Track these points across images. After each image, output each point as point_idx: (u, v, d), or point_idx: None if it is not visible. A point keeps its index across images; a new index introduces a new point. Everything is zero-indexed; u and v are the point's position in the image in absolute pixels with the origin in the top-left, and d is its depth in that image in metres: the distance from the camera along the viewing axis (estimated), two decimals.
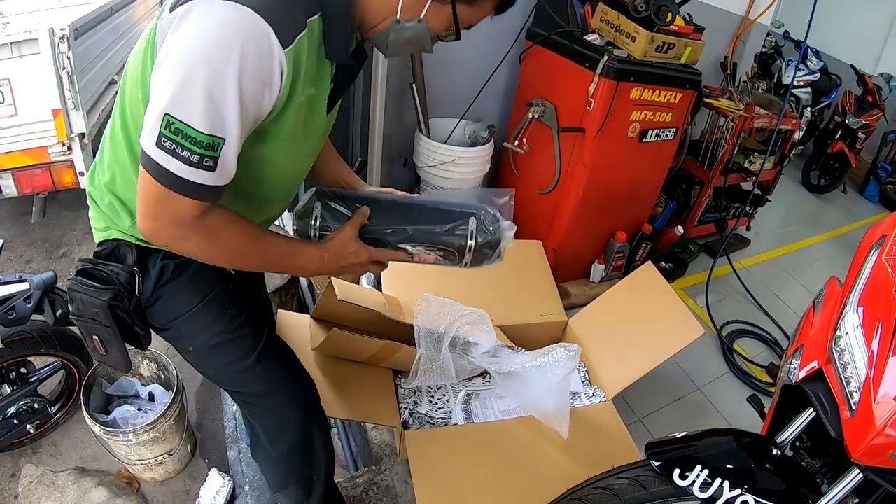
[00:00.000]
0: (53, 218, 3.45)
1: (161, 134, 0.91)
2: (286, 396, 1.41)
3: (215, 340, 1.30)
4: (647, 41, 2.47)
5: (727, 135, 3.38)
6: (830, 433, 1.17)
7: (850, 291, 1.32)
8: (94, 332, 1.22)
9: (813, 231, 4.91)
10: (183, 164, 0.92)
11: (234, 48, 0.89)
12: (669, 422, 2.56)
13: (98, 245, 1.25)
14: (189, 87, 0.89)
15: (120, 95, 1.12)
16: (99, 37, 3.02)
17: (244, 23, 0.89)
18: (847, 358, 1.19)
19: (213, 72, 0.89)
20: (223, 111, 0.91)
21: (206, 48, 0.89)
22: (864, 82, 5.61)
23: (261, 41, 0.91)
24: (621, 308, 2.23)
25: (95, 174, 1.26)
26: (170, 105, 0.90)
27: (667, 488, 1.25)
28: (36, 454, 2.16)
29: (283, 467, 1.55)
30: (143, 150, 0.94)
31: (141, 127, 0.97)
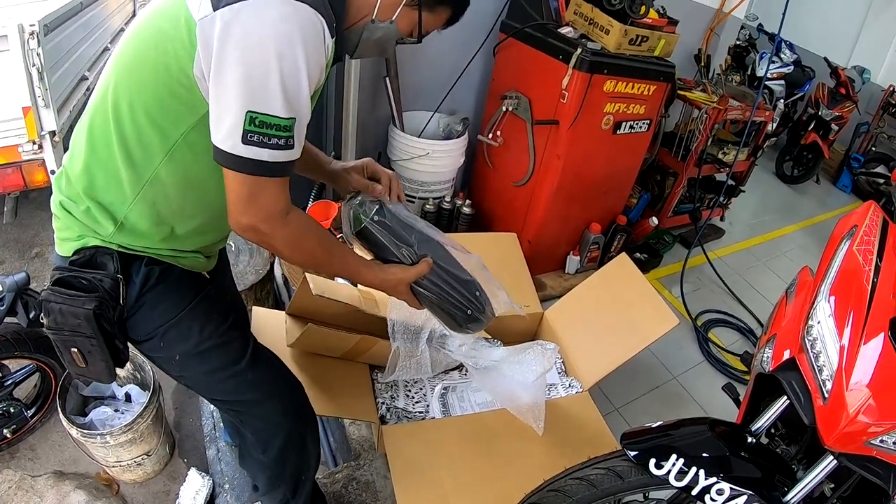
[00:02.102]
0: (26, 218, 3.39)
1: (246, 131, 0.98)
2: (278, 403, 1.41)
3: (205, 345, 1.28)
4: (620, 34, 2.49)
5: (701, 126, 3.42)
6: (804, 421, 1.19)
7: (821, 281, 1.35)
8: (73, 344, 1.18)
9: (787, 221, 4.99)
10: (273, 150, 1.01)
11: (299, 40, 0.98)
12: (646, 411, 2.59)
13: (73, 254, 1.20)
14: (267, 83, 0.97)
15: (111, 90, 1.11)
16: (69, 32, 2.95)
17: (302, 15, 0.98)
18: (819, 347, 1.22)
19: (286, 64, 0.97)
20: (298, 95, 1.01)
21: (274, 44, 0.96)
22: (838, 75, 5.69)
23: (317, 30, 1.01)
24: (596, 299, 2.25)
25: (64, 181, 1.22)
26: (250, 102, 0.97)
27: (643, 477, 1.27)
28: (14, 459, 2.13)
29: (274, 472, 1.55)
30: (226, 150, 1.00)
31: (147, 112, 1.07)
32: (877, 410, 1.08)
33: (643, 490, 1.32)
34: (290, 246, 1.15)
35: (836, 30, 6.68)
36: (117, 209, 1.17)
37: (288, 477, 1.55)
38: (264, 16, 0.96)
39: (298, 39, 0.98)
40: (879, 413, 1.07)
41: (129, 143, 1.11)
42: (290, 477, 1.55)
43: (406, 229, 1.42)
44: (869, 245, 1.36)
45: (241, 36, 0.97)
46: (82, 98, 3.05)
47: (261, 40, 0.96)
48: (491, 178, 3.22)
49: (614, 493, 1.32)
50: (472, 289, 1.48)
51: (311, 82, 1.02)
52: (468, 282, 1.48)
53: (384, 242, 1.40)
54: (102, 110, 1.12)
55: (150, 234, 1.20)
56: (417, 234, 1.43)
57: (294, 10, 0.97)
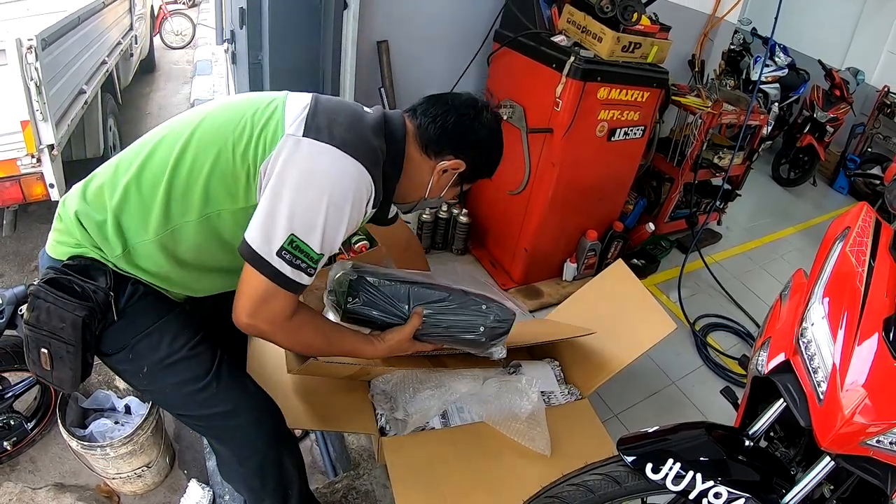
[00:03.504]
0: (24, 231, 3.39)
1: (284, 248, 1.13)
2: (248, 418, 1.40)
3: (173, 358, 1.30)
4: (613, 41, 2.51)
5: (696, 131, 3.44)
6: (800, 423, 1.19)
7: (815, 283, 1.35)
8: (46, 345, 1.18)
9: (784, 224, 4.99)
10: (295, 269, 1.15)
11: (350, 198, 1.17)
12: (645, 417, 2.59)
13: (67, 259, 1.22)
14: (315, 219, 1.14)
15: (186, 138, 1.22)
16: (67, 46, 2.97)
17: (362, 180, 1.19)
18: (814, 349, 1.22)
19: (333, 212, 1.15)
20: (333, 241, 1.18)
21: (332, 190, 1.15)
22: (832, 77, 5.72)
23: (366, 196, 1.22)
24: (593, 306, 2.25)
25: (95, 191, 1.23)
26: (296, 228, 1.13)
27: (640, 482, 1.26)
28: (14, 471, 2.13)
29: (256, 484, 1.55)
30: (257, 251, 1.13)
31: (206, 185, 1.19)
32: (872, 411, 1.07)
33: (641, 495, 1.32)
34: (288, 341, 1.31)
35: (829, 32, 6.72)
36: (132, 237, 1.21)
37: (271, 489, 1.54)
38: (336, 164, 1.16)
39: (350, 197, 1.16)
40: (875, 413, 1.07)
41: (174, 192, 1.20)
42: (274, 489, 1.54)
43: (387, 290, 1.49)
44: (862, 246, 1.37)
45: (311, 168, 1.15)
46: (80, 111, 3.06)
47: (324, 182, 1.14)
48: (487, 188, 3.20)
49: (612, 499, 1.31)
50: (475, 306, 1.56)
51: (346, 232, 1.19)
52: (467, 303, 1.56)
53: (373, 315, 1.49)
54: (167, 149, 1.21)
55: (149, 270, 1.25)
56: (402, 288, 1.51)
57: (358, 174, 1.18)
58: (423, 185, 1.39)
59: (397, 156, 1.32)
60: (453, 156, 1.35)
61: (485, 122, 1.37)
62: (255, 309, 1.17)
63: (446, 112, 1.34)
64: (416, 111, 1.37)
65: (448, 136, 1.34)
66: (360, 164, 1.17)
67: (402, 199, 1.44)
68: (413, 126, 1.35)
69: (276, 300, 1.17)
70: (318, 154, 1.16)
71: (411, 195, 1.43)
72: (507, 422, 1.85)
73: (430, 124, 1.34)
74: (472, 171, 1.40)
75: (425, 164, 1.36)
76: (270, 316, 1.18)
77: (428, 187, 1.39)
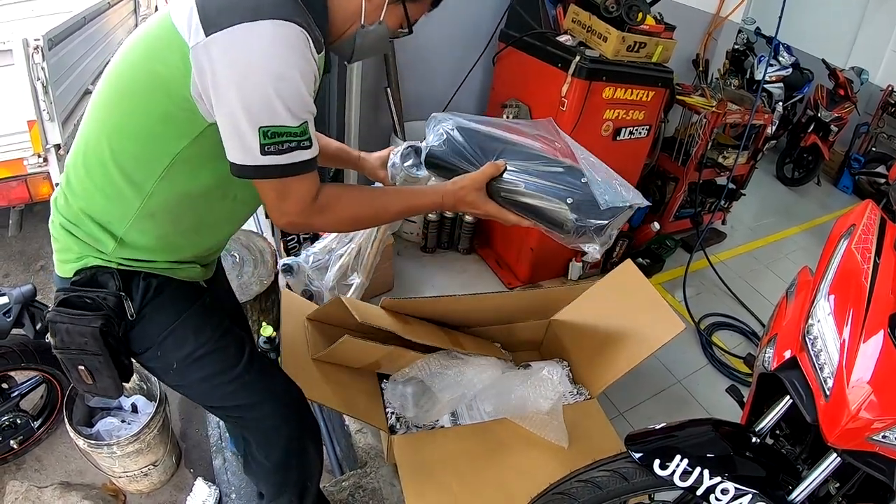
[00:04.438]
0: (30, 231, 3.41)
1: (262, 144, 1.04)
2: (278, 406, 1.41)
3: (201, 351, 1.29)
4: (618, 41, 2.51)
5: (700, 131, 3.43)
6: (807, 419, 1.20)
7: (821, 280, 1.36)
8: (80, 362, 1.20)
9: (788, 223, 4.98)
10: (291, 153, 1.07)
11: (292, 58, 1.04)
12: (651, 415, 2.59)
13: (74, 275, 1.21)
14: (271, 101, 1.02)
15: (104, 112, 1.15)
16: (73, 46, 2.99)
17: (290, 33, 1.03)
18: (820, 345, 1.23)
19: (285, 83, 1.03)
20: (302, 103, 1.06)
21: (270, 64, 1.02)
22: (836, 76, 5.69)
23: (305, 46, 1.05)
24: (602, 306, 2.25)
25: (62, 201, 1.23)
26: (259, 119, 1.03)
27: (648, 479, 1.27)
28: (20, 470, 2.14)
29: (279, 477, 1.55)
30: (247, 164, 1.07)
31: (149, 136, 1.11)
32: (878, 406, 1.08)
33: (648, 491, 1.32)
34: (330, 224, 1.26)
35: (833, 31, 6.68)
36: (116, 227, 1.19)
37: (293, 483, 1.55)
38: (256, 39, 1.01)
39: (291, 56, 1.04)
40: (881, 409, 1.08)
41: (125, 164, 1.14)
42: (295, 483, 1.55)
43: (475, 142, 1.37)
44: (867, 243, 1.37)
45: (235, 59, 1.02)
46: None
47: (257, 63, 1.02)
48: None
49: (620, 495, 1.32)
50: (572, 175, 1.33)
51: (308, 90, 1.07)
52: (564, 169, 1.34)
53: (454, 161, 1.37)
54: (96, 133, 1.15)
55: (149, 247, 1.22)
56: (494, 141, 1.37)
57: (284, 31, 1.02)
58: (356, 10, 1.19)
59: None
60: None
61: None
62: (281, 209, 1.14)
63: None
64: None
65: None
66: (276, 20, 1.01)
67: (336, 36, 1.24)
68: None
69: (293, 189, 1.12)
70: (232, 42, 1.02)
71: (346, 29, 1.23)
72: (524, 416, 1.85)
73: None
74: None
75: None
76: (297, 207, 1.13)
77: (362, 12, 1.19)
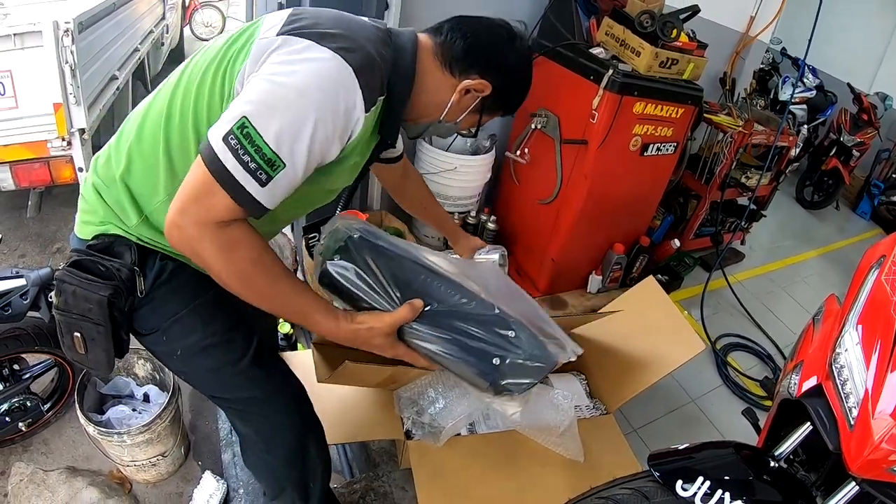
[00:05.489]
0: (48, 213, 3.42)
1: (231, 132, 0.97)
2: (280, 402, 1.39)
3: (208, 342, 1.28)
4: (651, 56, 2.49)
5: (725, 150, 3.40)
6: (829, 446, 1.19)
7: (849, 310, 1.35)
8: (78, 328, 1.18)
9: (806, 247, 4.96)
10: (239, 164, 0.98)
11: (328, 98, 1.02)
12: (664, 433, 2.58)
13: (92, 238, 1.21)
14: (277, 106, 0.98)
15: (173, 91, 1.16)
16: (102, 31, 3.00)
17: (344, 79, 1.02)
18: (846, 374, 1.22)
19: (304, 107, 0.99)
20: (295, 141, 1.00)
21: (308, 86, 1.00)
22: (860, 100, 5.67)
23: (350, 99, 1.04)
24: (623, 321, 2.23)
25: (104, 163, 1.23)
26: (252, 112, 0.98)
27: (668, 499, 1.25)
28: (27, 452, 2.13)
29: (279, 474, 1.53)
30: (208, 138, 1.00)
31: (196, 118, 1.11)
32: None
33: None
34: (221, 261, 1.03)
35: (858, 55, 6.67)
36: (146, 202, 1.18)
37: (294, 482, 1.53)
38: (315, 63, 1.02)
39: (326, 95, 1.01)
40: None
41: (172, 144, 1.14)
42: (297, 483, 1.53)
43: (387, 265, 1.19)
44: None
45: (284, 61, 1.02)
46: (112, 97, 3.07)
47: (295, 75, 1.00)
48: (517, 195, 3.20)
49: None
50: (500, 326, 1.17)
51: (315, 139, 1.02)
52: (490, 318, 1.17)
53: (353, 290, 1.18)
54: (159, 108, 1.16)
55: None
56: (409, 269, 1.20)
57: (339, 71, 1.02)
58: (442, 104, 1.25)
59: (405, 68, 1.19)
60: (479, 76, 1.22)
61: (517, 48, 1.26)
62: (187, 202, 0.99)
63: (477, 30, 1.23)
64: (443, 28, 1.25)
65: (477, 54, 1.22)
66: (344, 61, 1.02)
67: (413, 118, 1.29)
68: (434, 42, 1.24)
69: (211, 198, 0.98)
70: (291, 49, 1.04)
71: (425, 114, 1.28)
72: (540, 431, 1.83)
73: (458, 39, 1.21)
74: (496, 99, 1.27)
75: (446, 81, 1.23)
76: (201, 215, 0.99)
77: (446, 107, 1.25)
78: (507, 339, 1.17)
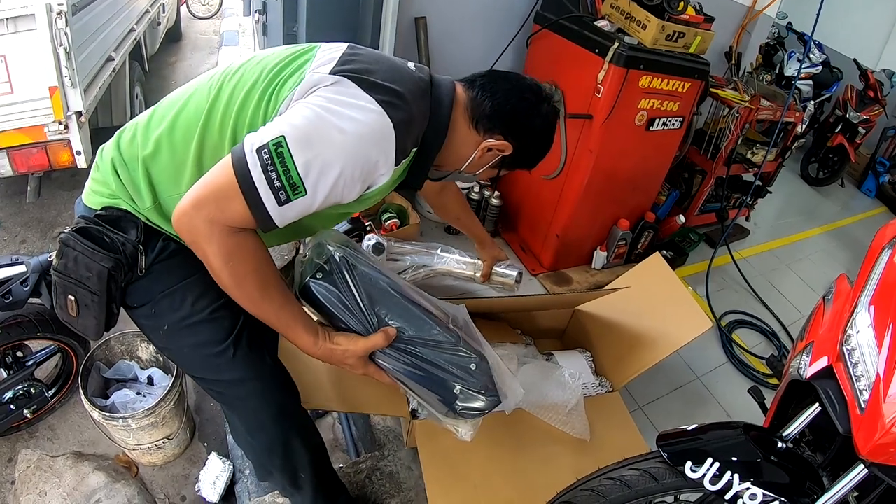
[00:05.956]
0: (48, 198, 3.39)
1: (266, 146, 1.01)
2: (258, 388, 1.37)
3: (194, 318, 1.28)
4: (657, 29, 2.44)
5: (732, 125, 3.36)
6: (838, 429, 1.17)
7: (861, 291, 1.33)
8: (73, 293, 1.19)
9: (810, 224, 4.93)
10: (264, 179, 1.01)
11: (364, 147, 1.07)
12: (670, 410, 2.57)
13: (101, 209, 1.22)
14: (316, 138, 1.03)
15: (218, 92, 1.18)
16: (96, 12, 2.95)
17: (383, 133, 1.08)
18: (857, 356, 1.20)
19: (340, 149, 1.04)
20: (322, 175, 1.04)
21: (348, 130, 1.04)
22: (867, 77, 5.62)
23: (383, 152, 1.09)
24: (629, 298, 2.21)
25: (129, 140, 1.22)
26: (291, 134, 1.02)
27: (677, 480, 1.26)
28: (33, 438, 2.13)
29: (263, 459, 1.54)
30: (243, 145, 1.03)
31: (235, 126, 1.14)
32: None
33: (676, 492, 1.31)
34: (220, 259, 1.07)
35: (865, 32, 6.58)
36: (163, 190, 1.20)
37: (279, 469, 1.52)
38: (359, 107, 1.07)
39: (365, 146, 1.06)
40: None
41: (206, 146, 1.17)
42: (282, 468, 1.52)
43: (367, 288, 1.27)
44: None
45: (332, 100, 1.07)
46: (108, 78, 3.03)
47: (340, 118, 1.04)
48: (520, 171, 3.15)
49: (648, 495, 1.31)
50: (463, 358, 1.29)
51: (337, 183, 1.06)
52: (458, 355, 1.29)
53: (331, 310, 1.27)
54: (199, 104, 1.18)
55: None
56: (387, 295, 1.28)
57: (382, 128, 1.08)
58: (464, 158, 1.32)
59: (441, 123, 1.25)
60: (502, 136, 1.28)
61: (543, 112, 1.31)
62: (204, 198, 1.02)
63: (508, 91, 1.27)
64: (476, 82, 1.29)
65: (503, 116, 1.27)
66: (387, 116, 1.08)
67: (437, 165, 1.35)
68: (467, 96, 1.29)
69: (229, 201, 1.02)
70: (342, 92, 1.09)
71: (448, 164, 1.36)
72: (546, 410, 1.82)
73: (487, 99, 1.26)
74: (516, 158, 1.35)
75: (471, 137, 1.29)
76: (215, 214, 1.02)
77: (467, 162, 1.33)
78: (468, 370, 1.28)
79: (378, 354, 1.28)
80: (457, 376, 1.27)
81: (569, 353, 2.15)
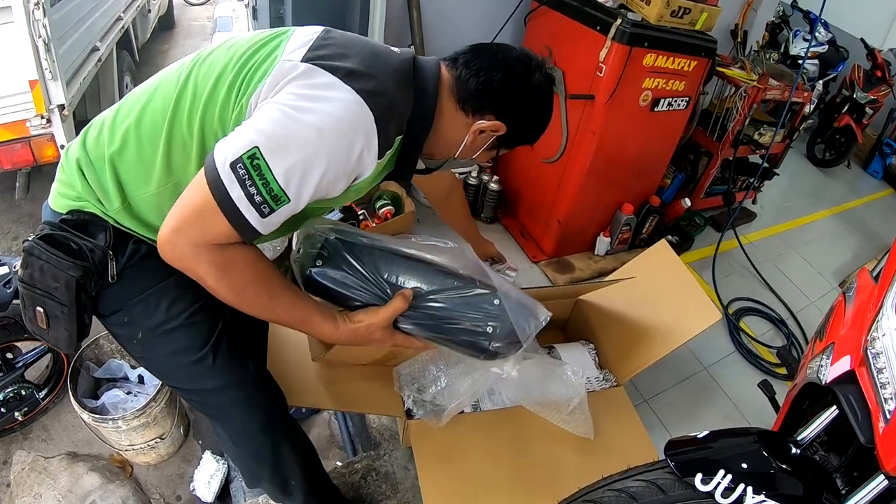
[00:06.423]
0: (38, 193, 3.31)
1: (241, 160, 0.94)
2: (241, 397, 1.32)
3: (170, 324, 1.22)
4: (662, 5, 2.36)
5: (739, 105, 3.27)
6: (860, 440, 1.12)
7: (887, 290, 1.27)
8: (41, 304, 1.13)
9: (817, 206, 4.85)
10: (244, 195, 0.96)
11: (344, 142, 1.00)
12: (676, 404, 2.51)
13: (67, 213, 1.15)
14: (292, 143, 0.96)
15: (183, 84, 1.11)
16: (77, 2, 2.89)
17: (363, 124, 1.01)
18: (883, 361, 1.15)
19: (319, 149, 0.98)
20: (304, 179, 0.98)
21: (326, 128, 0.98)
22: (874, 57, 5.52)
23: (365, 143, 1.02)
24: (634, 288, 2.14)
25: (94, 137, 1.16)
26: (265, 144, 0.95)
27: (686, 492, 1.18)
28: (27, 440, 2.10)
29: (251, 467, 1.50)
30: (214, 160, 0.96)
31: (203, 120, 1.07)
32: None
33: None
34: (216, 280, 1.02)
35: (872, 11, 6.45)
36: (132, 190, 1.13)
37: (268, 477, 1.49)
38: (335, 97, 1.00)
39: (343, 139, 1.00)
40: None
41: (175, 140, 1.10)
42: (271, 476, 1.48)
43: (371, 262, 1.23)
44: None
45: (305, 95, 1.00)
46: (94, 69, 2.97)
47: (315, 115, 0.98)
48: (520, 154, 3.07)
49: None
50: (483, 299, 1.24)
51: (324, 179, 1.01)
52: (478, 296, 1.24)
53: (343, 292, 1.22)
54: (166, 95, 1.11)
55: (150, 225, 1.16)
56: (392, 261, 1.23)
57: (359, 116, 1.00)
58: (455, 144, 1.23)
59: (426, 111, 1.17)
60: (494, 116, 1.19)
61: (535, 84, 1.20)
62: (184, 222, 0.97)
63: (493, 66, 1.17)
64: (458, 60, 1.19)
65: (491, 94, 1.17)
66: (366, 107, 1.00)
67: (428, 155, 1.28)
68: (451, 76, 1.19)
69: (210, 222, 0.97)
70: (315, 84, 1.01)
71: (440, 153, 1.27)
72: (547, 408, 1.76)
73: (471, 77, 1.16)
74: (512, 137, 1.25)
75: (460, 120, 1.20)
76: (197, 236, 0.98)
77: (460, 147, 1.24)
78: (491, 307, 1.23)
79: (401, 320, 1.22)
80: (483, 317, 1.23)
81: (571, 345, 2.08)
